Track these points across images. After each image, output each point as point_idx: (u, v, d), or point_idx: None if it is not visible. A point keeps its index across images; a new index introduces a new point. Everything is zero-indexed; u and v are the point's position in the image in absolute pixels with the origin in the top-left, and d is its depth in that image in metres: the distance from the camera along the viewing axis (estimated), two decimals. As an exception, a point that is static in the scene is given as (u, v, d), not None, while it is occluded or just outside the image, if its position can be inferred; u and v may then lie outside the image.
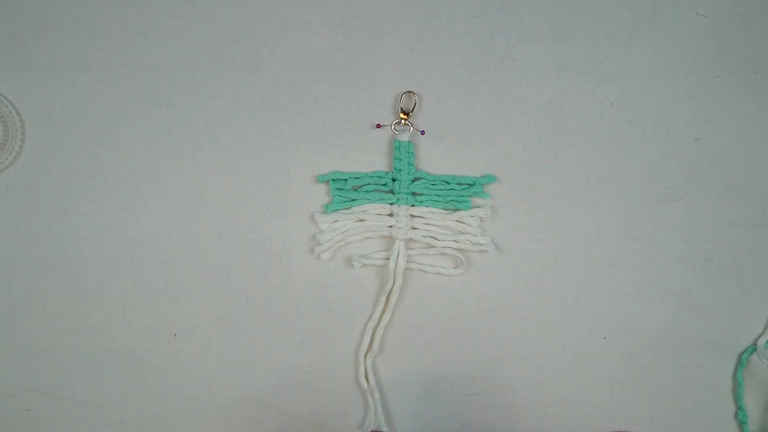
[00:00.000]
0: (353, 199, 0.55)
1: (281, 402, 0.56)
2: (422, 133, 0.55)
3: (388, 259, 0.55)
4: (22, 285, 0.55)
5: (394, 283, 0.55)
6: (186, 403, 0.56)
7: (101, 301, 0.55)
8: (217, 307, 0.55)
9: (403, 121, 0.54)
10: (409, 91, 0.54)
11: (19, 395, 0.55)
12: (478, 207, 0.55)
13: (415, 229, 0.55)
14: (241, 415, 0.56)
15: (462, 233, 0.55)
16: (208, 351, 0.56)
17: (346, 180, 0.54)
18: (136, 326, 0.55)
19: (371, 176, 0.55)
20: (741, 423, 0.56)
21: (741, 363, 0.56)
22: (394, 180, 0.55)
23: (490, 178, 0.55)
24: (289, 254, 0.55)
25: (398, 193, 0.54)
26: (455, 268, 0.55)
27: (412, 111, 0.54)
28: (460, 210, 0.55)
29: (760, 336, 0.56)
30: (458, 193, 0.55)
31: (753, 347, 0.56)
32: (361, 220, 0.55)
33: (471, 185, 0.55)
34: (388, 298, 0.55)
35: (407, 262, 0.55)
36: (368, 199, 0.55)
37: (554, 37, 0.55)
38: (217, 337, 0.55)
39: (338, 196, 0.54)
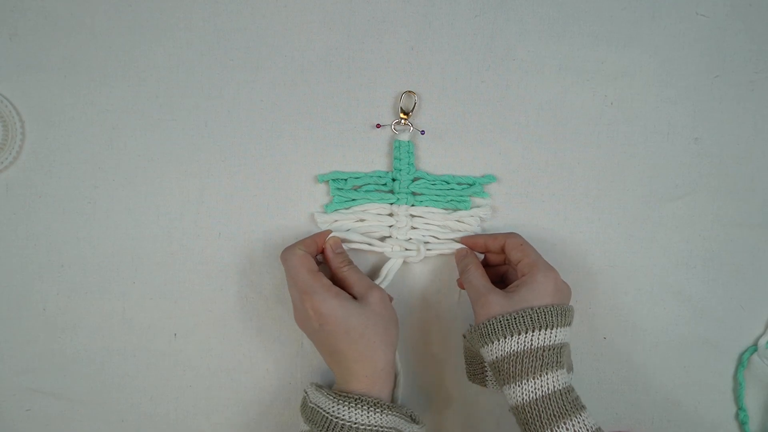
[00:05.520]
0: (353, 199, 0.54)
1: (281, 403, 0.56)
2: (422, 133, 0.55)
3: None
4: (22, 285, 0.55)
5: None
6: (186, 403, 0.56)
7: (101, 301, 0.55)
8: (217, 307, 0.55)
9: (403, 121, 0.54)
10: (409, 91, 0.54)
11: (19, 395, 0.55)
12: (478, 207, 0.55)
13: (415, 228, 0.55)
14: (241, 415, 0.56)
15: (462, 233, 0.55)
16: (208, 351, 0.56)
17: (346, 180, 0.54)
18: (136, 326, 0.55)
19: (371, 176, 0.55)
20: (742, 423, 0.56)
21: (741, 363, 0.56)
22: (394, 180, 0.55)
23: (490, 178, 0.55)
24: (289, 254, 0.55)
25: (398, 192, 0.54)
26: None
27: (412, 111, 0.54)
28: (460, 210, 0.55)
29: (760, 336, 0.56)
30: (458, 192, 0.55)
31: (753, 347, 0.56)
32: (361, 220, 0.55)
33: (471, 185, 0.55)
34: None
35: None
36: (368, 199, 0.55)
37: (554, 37, 0.55)
38: (217, 337, 0.55)
39: (338, 195, 0.54)
